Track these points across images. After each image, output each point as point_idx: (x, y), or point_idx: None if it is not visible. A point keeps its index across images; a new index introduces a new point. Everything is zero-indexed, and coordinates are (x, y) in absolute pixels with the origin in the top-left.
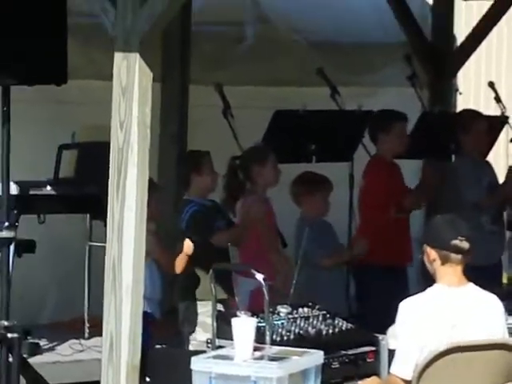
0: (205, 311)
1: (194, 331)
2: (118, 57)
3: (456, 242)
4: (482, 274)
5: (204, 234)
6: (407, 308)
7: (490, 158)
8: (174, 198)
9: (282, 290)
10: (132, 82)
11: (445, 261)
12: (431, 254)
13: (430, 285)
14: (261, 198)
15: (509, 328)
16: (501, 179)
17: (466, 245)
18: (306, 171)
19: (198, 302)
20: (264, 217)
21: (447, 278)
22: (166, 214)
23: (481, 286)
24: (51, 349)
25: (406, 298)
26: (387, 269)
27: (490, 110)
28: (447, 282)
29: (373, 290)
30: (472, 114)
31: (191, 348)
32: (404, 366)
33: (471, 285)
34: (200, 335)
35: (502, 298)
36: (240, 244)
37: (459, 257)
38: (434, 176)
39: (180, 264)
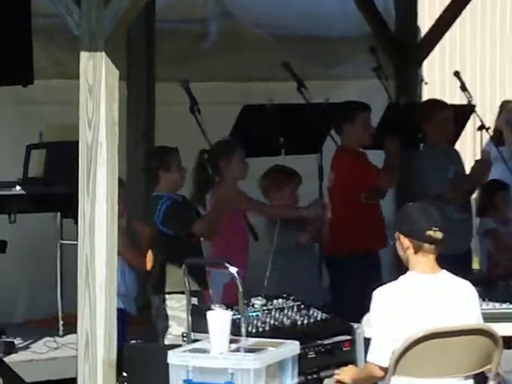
0: (178, 306)
1: (168, 326)
2: (84, 56)
3: (430, 232)
4: (452, 262)
5: (182, 226)
6: (381, 296)
7: (457, 146)
8: (142, 194)
9: None
10: (99, 81)
11: (418, 250)
12: (404, 242)
13: (403, 271)
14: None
15: (482, 313)
16: (468, 168)
17: (439, 235)
18: (274, 165)
19: (172, 295)
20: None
21: (420, 266)
22: (136, 210)
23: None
24: (26, 347)
25: (379, 284)
26: (360, 256)
27: (456, 99)
28: (420, 269)
29: (346, 278)
30: (436, 104)
31: (166, 342)
32: (380, 353)
33: (444, 272)
34: (174, 329)
35: (473, 284)
36: (217, 230)
37: (432, 246)
38: (396, 148)
39: (149, 260)
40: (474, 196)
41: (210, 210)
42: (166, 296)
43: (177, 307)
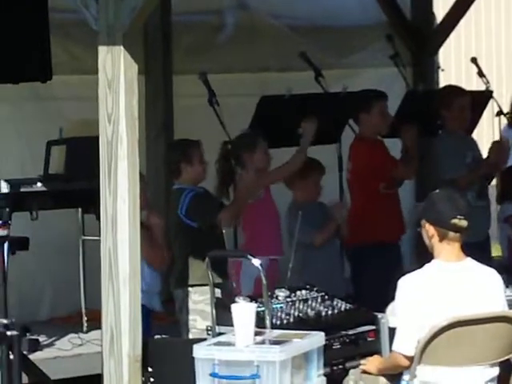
0: (202, 299)
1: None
2: (103, 50)
3: (455, 220)
4: (471, 249)
5: (206, 217)
6: (406, 285)
7: (474, 132)
8: (163, 188)
9: None
10: (118, 75)
11: (443, 238)
12: (430, 230)
13: (425, 259)
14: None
15: (506, 300)
16: (485, 154)
17: (464, 223)
18: None
19: (196, 289)
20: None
21: (445, 253)
22: (156, 204)
23: None
24: (51, 344)
25: (401, 274)
26: (380, 246)
27: (472, 85)
28: (445, 257)
29: (367, 269)
30: (454, 90)
31: (191, 336)
32: (405, 342)
33: (469, 259)
34: (199, 323)
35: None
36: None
37: (457, 235)
38: (413, 136)
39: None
40: (493, 183)
41: (234, 199)
42: (190, 289)
43: (201, 301)
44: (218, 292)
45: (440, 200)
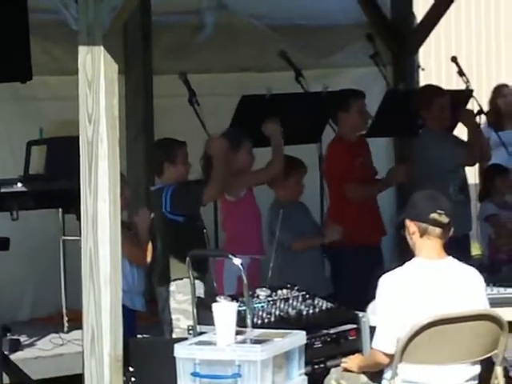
0: (186, 299)
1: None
2: (83, 50)
3: (435, 215)
4: (451, 245)
5: (194, 202)
6: (386, 282)
7: (455, 132)
8: (143, 187)
9: None
10: (98, 75)
11: (423, 233)
12: (411, 226)
13: (405, 260)
14: None
15: (487, 298)
16: None
17: (444, 219)
18: None
19: (179, 288)
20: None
21: (425, 251)
22: (136, 205)
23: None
24: (32, 344)
25: (382, 273)
26: (360, 247)
27: (452, 84)
28: (426, 255)
29: (348, 270)
30: (432, 91)
31: (175, 336)
32: (385, 340)
33: (450, 258)
34: (182, 323)
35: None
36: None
37: (437, 230)
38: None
39: (149, 253)
40: (474, 182)
41: (212, 173)
42: (173, 289)
43: (184, 300)
44: (200, 292)
45: (420, 198)
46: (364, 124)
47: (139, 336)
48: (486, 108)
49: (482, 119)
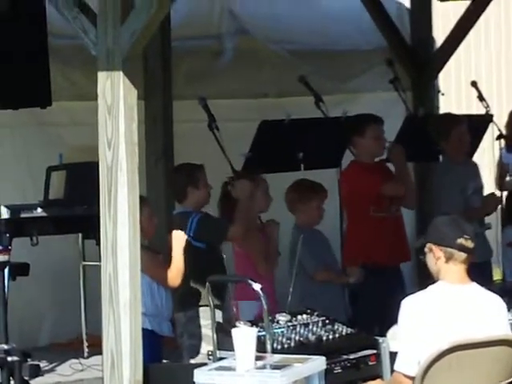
0: (206, 324)
1: (194, 344)
2: (102, 76)
3: (461, 240)
4: (473, 271)
5: (218, 234)
6: (409, 305)
7: (475, 156)
8: (164, 213)
9: None
10: (117, 100)
11: (449, 258)
12: (436, 251)
13: (429, 283)
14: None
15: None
16: (485, 178)
17: (470, 244)
18: (300, 179)
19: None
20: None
21: (450, 275)
22: (158, 229)
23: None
24: (52, 370)
25: (403, 297)
26: (378, 269)
27: (473, 109)
28: (450, 279)
29: (366, 292)
30: (450, 120)
31: (195, 361)
32: (407, 362)
33: (474, 284)
34: (203, 348)
35: (498, 295)
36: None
37: (463, 255)
38: (399, 154)
39: (177, 274)
40: None
41: (236, 212)
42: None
43: (204, 325)
44: (219, 317)
45: (444, 223)
46: (380, 149)
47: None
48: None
49: (502, 144)
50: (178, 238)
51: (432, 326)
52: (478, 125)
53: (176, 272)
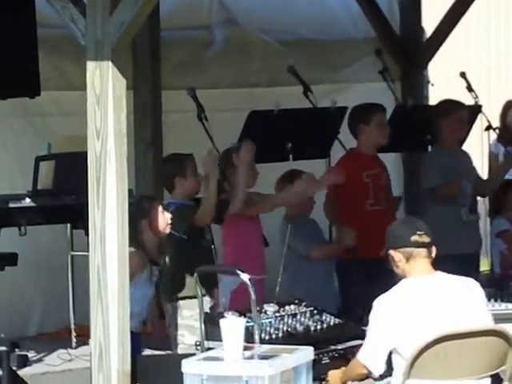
0: (191, 315)
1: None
2: (91, 65)
3: (415, 237)
4: (460, 262)
5: (187, 225)
6: (379, 305)
7: (464, 147)
8: None
9: None
10: (106, 90)
11: (409, 258)
12: (395, 255)
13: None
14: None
15: (495, 314)
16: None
17: (426, 238)
18: (290, 169)
19: (184, 303)
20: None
21: (414, 272)
22: None
23: (460, 275)
24: (40, 360)
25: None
26: (370, 262)
27: (461, 100)
28: (415, 275)
29: (356, 284)
30: (453, 103)
31: (180, 352)
32: (370, 356)
33: (438, 272)
34: (187, 339)
35: (485, 286)
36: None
37: (422, 251)
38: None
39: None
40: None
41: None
42: (180, 303)
43: (189, 316)
44: (206, 307)
45: (396, 226)
46: (384, 137)
47: (148, 351)
48: (494, 124)
49: (490, 135)
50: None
51: (403, 319)
52: (468, 115)
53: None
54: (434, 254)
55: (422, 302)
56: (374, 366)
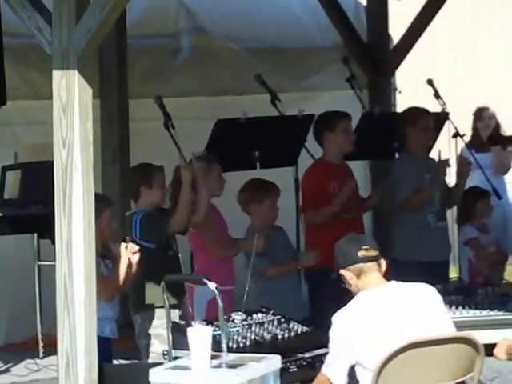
0: (160, 323)
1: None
2: (57, 74)
3: (362, 252)
4: (429, 269)
5: (160, 231)
6: (337, 320)
7: (431, 154)
8: (119, 212)
9: None
10: (72, 99)
11: (359, 274)
12: (346, 274)
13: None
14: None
15: (464, 321)
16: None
17: (372, 252)
18: (252, 179)
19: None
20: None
21: (367, 286)
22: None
23: (428, 282)
24: (7, 370)
25: None
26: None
27: (429, 107)
28: (368, 289)
29: (323, 292)
30: (419, 111)
31: (150, 361)
32: (332, 369)
33: (393, 282)
34: (157, 347)
35: (453, 293)
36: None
37: (371, 265)
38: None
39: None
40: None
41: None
42: (147, 314)
43: (158, 325)
44: (174, 316)
45: (341, 245)
46: (349, 144)
47: (115, 361)
48: (462, 131)
49: (458, 142)
50: (123, 255)
51: (360, 333)
52: (434, 122)
53: (111, 284)
54: (384, 266)
55: (378, 314)
56: (337, 379)
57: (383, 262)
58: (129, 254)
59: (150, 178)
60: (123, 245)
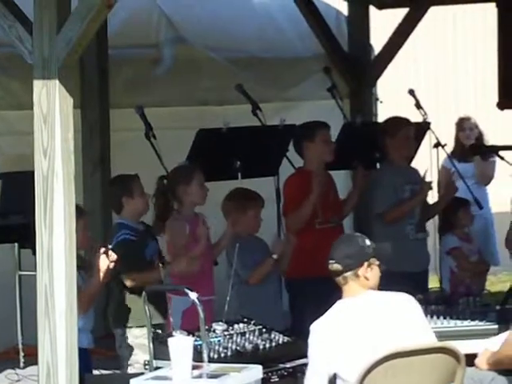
0: (142, 334)
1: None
2: (38, 84)
3: (328, 266)
4: (409, 280)
5: (129, 266)
6: (314, 331)
7: (413, 164)
8: (100, 222)
9: None
10: (53, 109)
11: (338, 283)
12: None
13: None
14: (185, 218)
15: (445, 331)
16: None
17: (336, 266)
18: (236, 188)
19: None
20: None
21: (345, 294)
22: (95, 239)
23: (408, 292)
24: None
25: None
26: (320, 279)
27: (410, 117)
28: (346, 296)
29: (304, 302)
30: (400, 121)
31: (132, 371)
32: (312, 380)
33: (369, 291)
34: (140, 357)
35: (434, 303)
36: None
37: (341, 278)
38: (364, 180)
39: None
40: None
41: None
42: (129, 325)
43: (141, 335)
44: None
45: (345, 248)
46: (329, 154)
47: (95, 371)
48: (443, 141)
49: (439, 152)
50: (103, 264)
51: (337, 345)
52: (415, 132)
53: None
54: (361, 274)
55: (354, 323)
56: None
57: (359, 271)
58: (108, 260)
59: (130, 187)
60: (103, 250)
